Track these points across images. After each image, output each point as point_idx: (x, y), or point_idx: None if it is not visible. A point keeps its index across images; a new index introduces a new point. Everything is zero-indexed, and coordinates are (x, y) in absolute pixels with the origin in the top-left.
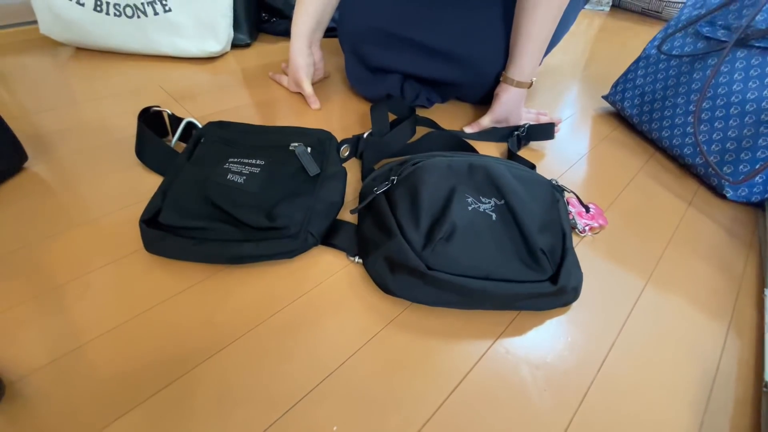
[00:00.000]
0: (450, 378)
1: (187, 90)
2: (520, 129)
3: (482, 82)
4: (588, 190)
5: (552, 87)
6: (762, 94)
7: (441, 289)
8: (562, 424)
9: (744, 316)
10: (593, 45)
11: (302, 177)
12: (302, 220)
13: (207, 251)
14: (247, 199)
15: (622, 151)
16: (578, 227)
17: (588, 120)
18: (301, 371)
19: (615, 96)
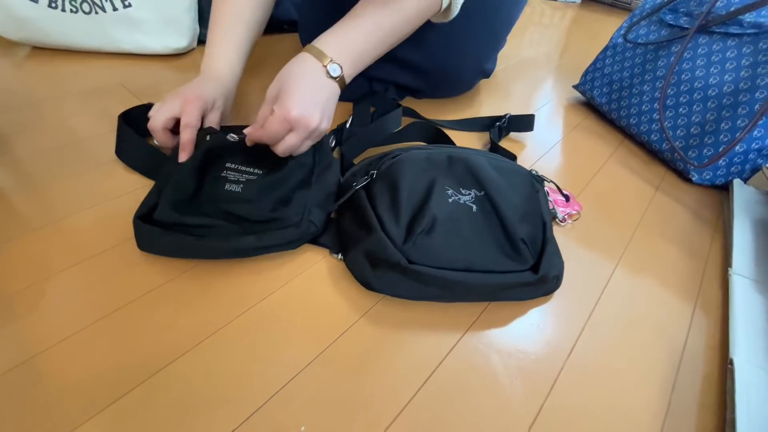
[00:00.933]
0: (421, 371)
1: (151, 88)
2: (502, 120)
3: (452, 87)
4: (560, 178)
5: (526, 79)
6: (723, 79)
7: (423, 283)
8: (533, 411)
9: (710, 295)
10: (567, 36)
11: (299, 171)
12: (303, 209)
13: (207, 245)
14: (248, 202)
15: (593, 139)
16: (558, 216)
17: (560, 110)
18: (270, 370)
19: (585, 85)
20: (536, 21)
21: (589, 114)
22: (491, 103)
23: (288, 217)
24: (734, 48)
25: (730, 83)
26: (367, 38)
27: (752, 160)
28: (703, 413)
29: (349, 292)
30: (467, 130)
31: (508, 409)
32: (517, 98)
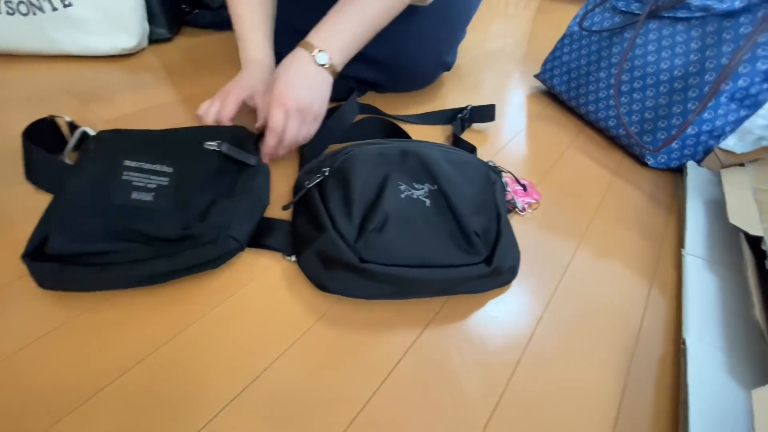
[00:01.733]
0: (378, 372)
1: (98, 92)
2: (463, 111)
3: (413, 80)
4: (521, 167)
5: (491, 70)
6: (674, 63)
7: (377, 282)
8: (491, 404)
9: (665, 277)
10: (532, 26)
11: (220, 179)
12: (221, 224)
13: (112, 277)
14: (161, 216)
15: (554, 127)
16: (518, 206)
17: (523, 99)
18: (221, 381)
19: (545, 74)
20: (501, 11)
21: (551, 103)
22: (456, 96)
23: (203, 233)
24: (683, 32)
25: (680, 67)
26: (353, 27)
27: (704, 141)
28: (659, 394)
29: (304, 295)
30: (430, 123)
31: (466, 404)
32: (481, 90)
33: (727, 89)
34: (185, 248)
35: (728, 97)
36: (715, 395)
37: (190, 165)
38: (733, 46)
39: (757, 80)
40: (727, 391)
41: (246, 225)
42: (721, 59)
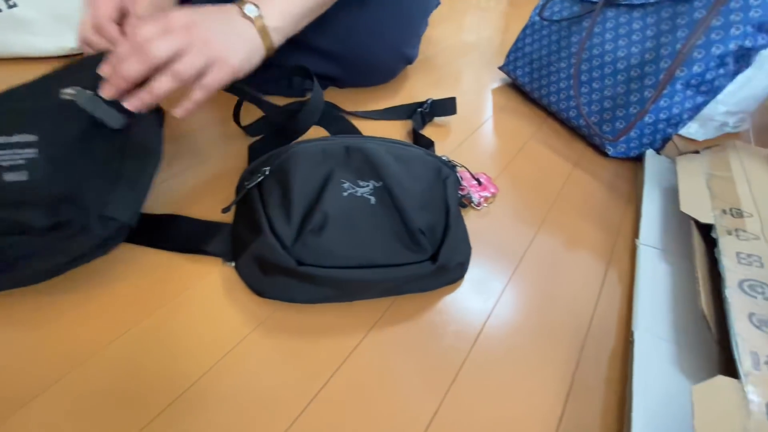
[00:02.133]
0: (317, 379)
1: None
2: (423, 106)
3: (373, 74)
4: (482, 161)
5: (461, 63)
6: (630, 51)
7: (316, 285)
8: (431, 409)
9: (620, 268)
10: (505, 19)
11: (93, 139)
12: (92, 203)
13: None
14: (36, 199)
15: (517, 119)
16: (474, 201)
17: (488, 92)
18: (151, 393)
19: (508, 66)
20: (474, 4)
21: (515, 95)
22: (421, 90)
23: (72, 220)
24: (639, 19)
25: (636, 55)
26: None
27: (662, 129)
28: (608, 389)
29: (243, 302)
30: (390, 119)
31: (405, 410)
32: (447, 83)
33: (681, 76)
34: (58, 238)
35: (683, 83)
36: (660, 389)
37: (55, 126)
38: (688, 31)
39: (712, 65)
40: (672, 385)
41: (130, 196)
42: (675, 45)
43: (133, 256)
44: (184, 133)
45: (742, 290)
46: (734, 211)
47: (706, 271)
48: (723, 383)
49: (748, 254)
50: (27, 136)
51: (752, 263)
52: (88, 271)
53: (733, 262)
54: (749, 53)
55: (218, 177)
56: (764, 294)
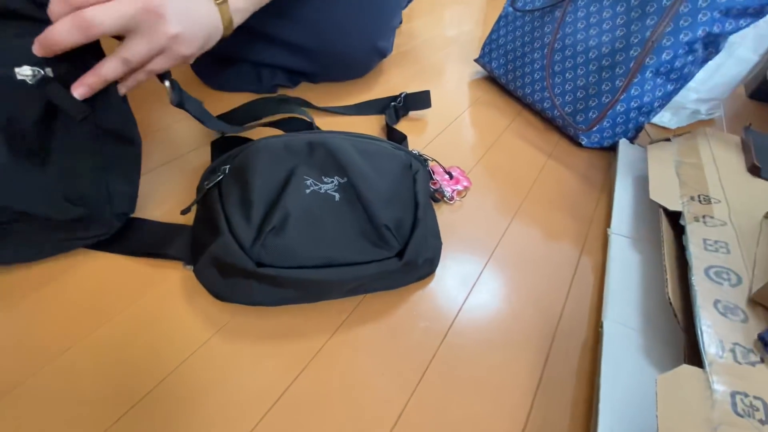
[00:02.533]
0: (278, 385)
1: None
2: (397, 100)
3: (346, 68)
4: (456, 154)
5: (439, 57)
6: (601, 40)
7: (278, 287)
8: (397, 410)
9: (591, 258)
10: (486, 13)
11: (53, 123)
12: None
13: None
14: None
15: (492, 112)
16: (446, 195)
17: (465, 85)
18: (102, 404)
19: (484, 58)
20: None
21: (491, 87)
22: (397, 84)
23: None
24: (609, 7)
25: (607, 44)
26: None
27: (634, 118)
28: (578, 381)
29: (203, 307)
30: (363, 114)
31: (370, 412)
32: (426, 77)
33: (651, 63)
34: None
35: (653, 71)
36: (628, 379)
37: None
38: (656, 18)
39: (680, 52)
40: (640, 375)
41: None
42: (645, 33)
43: (89, 262)
44: (147, 132)
45: (708, 277)
46: (702, 197)
47: (674, 258)
48: (687, 372)
49: (714, 240)
50: None
51: (719, 249)
52: (41, 278)
53: (700, 248)
54: (717, 39)
55: (182, 177)
56: (730, 281)
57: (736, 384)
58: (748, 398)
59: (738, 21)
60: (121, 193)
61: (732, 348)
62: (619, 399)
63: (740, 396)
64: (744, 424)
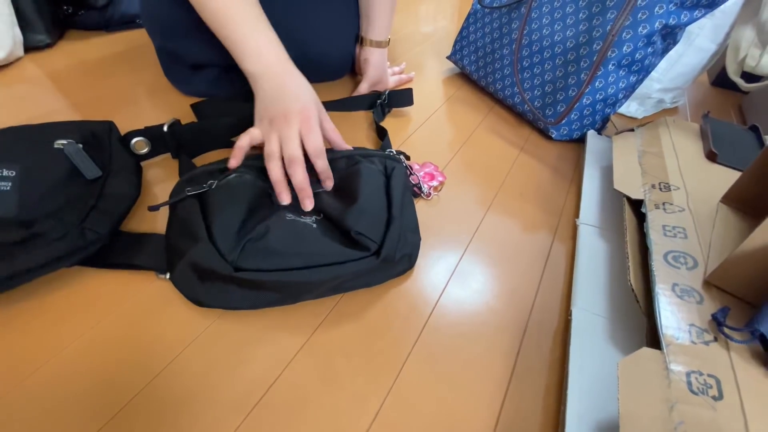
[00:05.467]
0: (255, 390)
1: None
2: (382, 97)
3: (325, 72)
4: (432, 150)
5: (411, 53)
6: (566, 35)
7: (257, 290)
8: (374, 408)
9: (562, 249)
10: (459, 9)
11: (79, 181)
12: (75, 218)
13: None
14: (2, 223)
15: (465, 108)
16: (424, 191)
17: (439, 82)
18: (78, 419)
19: (455, 55)
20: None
21: (464, 84)
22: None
23: (52, 230)
24: (571, 2)
25: (571, 38)
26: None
27: (600, 110)
28: (550, 369)
29: (179, 316)
30: (350, 110)
31: (347, 412)
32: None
33: (613, 57)
34: (30, 249)
35: (615, 64)
36: (595, 365)
37: (39, 166)
38: (616, 12)
39: (640, 45)
40: (606, 360)
41: (107, 219)
42: (606, 27)
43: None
44: None
45: (667, 262)
46: (662, 185)
47: (636, 245)
48: (646, 355)
49: (673, 227)
50: (6, 171)
51: (677, 235)
52: (12, 293)
53: (659, 234)
54: (674, 30)
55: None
56: (687, 264)
57: (691, 363)
58: (702, 376)
59: (692, 12)
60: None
61: (688, 329)
62: (587, 384)
63: (695, 375)
64: (698, 401)
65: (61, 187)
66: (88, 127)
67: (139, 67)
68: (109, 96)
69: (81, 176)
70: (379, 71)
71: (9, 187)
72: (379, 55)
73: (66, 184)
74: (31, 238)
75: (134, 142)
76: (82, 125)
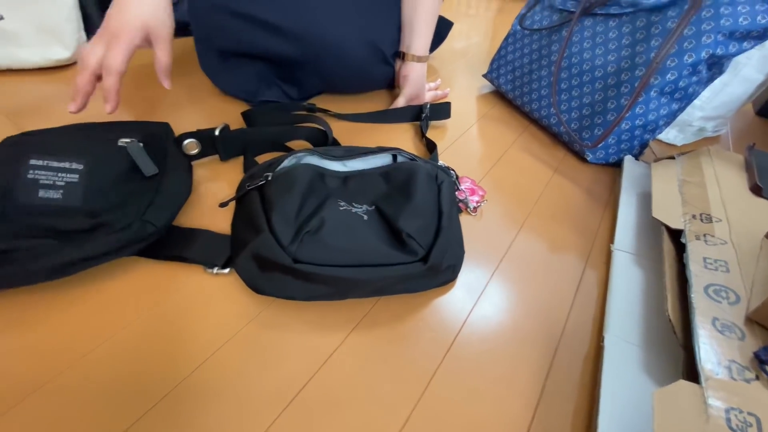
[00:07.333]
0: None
1: (33, 105)
2: (425, 110)
3: (344, 64)
4: (465, 166)
5: (446, 70)
6: (607, 59)
7: (311, 282)
8: (404, 415)
9: (595, 273)
10: (494, 26)
11: (137, 177)
12: (135, 211)
13: (13, 272)
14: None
15: (499, 126)
16: (470, 206)
17: (473, 99)
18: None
19: (492, 74)
20: (463, 12)
21: (498, 102)
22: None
23: (116, 220)
24: (615, 28)
25: (613, 63)
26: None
27: (639, 136)
28: (579, 393)
29: (223, 309)
30: (391, 121)
31: (377, 417)
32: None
33: (656, 83)
34: (96, 237)
35: (658, 91)
36: (627, 394)
37: (104, 161)
38: (661, 40)
39: (685, 73)
40: (639, 389)
41: (164, 213)
42: (650, 54)
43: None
44: None
45: (707, 295)
46: (704, 216)
47: (675, 276)
48: (684, 388)
49: (715, 259)
50: (75, 165)
51: (718, 268)
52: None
53: (700, 267)
54: (721, 61)
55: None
56: (728, 299)
57: (731, 400)
58: (742, 414)
59: (741, 44)
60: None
61: (728, 365)
62: (618, 412)
63: (735, 412)
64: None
65: (123, 182)
66: (147, 128)
67: (189, 72)
68: (159, 98)
69: (140, 173)
70: (418, 86)
71: (77, 179)
72: (419, 70)
73: (127, 179)
74: (97, 227)
75: (186, 143)
76: (142, 126)
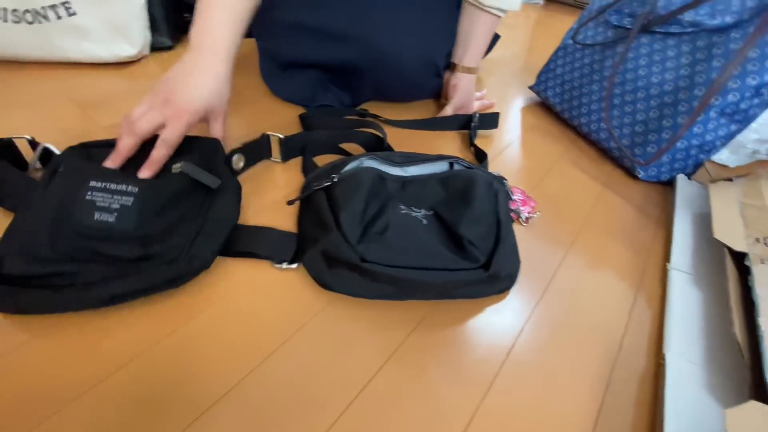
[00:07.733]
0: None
1: (99, 97)
2: (474, 119)
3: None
4: (512, 178)
5: (491, 80)
6: (664, 77)
7: (376, 281)
8: (465, 420)
9: (650, 291)
10: (532, 38)
11: (186, 199)
12: (182, 243)
13: (65, 300)
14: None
15: (546, 139)
16: (522, 217)
17: (518, 110)
18: (197, 389)
19: (539, 86)
20: (503, 22)
21: (545, 114)
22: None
23: (163, 253)
24: (674, 47)
25: (670, 81)
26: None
27: (694, 155)
28: (637, 411)
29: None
30: (437, 129)
31: (440, 418)
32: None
33: (716, 104)
34: (143, 269)
35: (718, 111)
36: (691, 412)
37: (157, 185)
38: (723, 61)
39: (747, 95)
40: (704, 409)
41: (212, 243)
42: (710, 74)
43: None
44: None
45: None
46: (767, 240)
47: (738, 298)
48: (755, 408)
49: None
50: (131, 188)
51: None
52: None
53: (767, 290)
54: None
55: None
56: None
57: None
58: None
59: None
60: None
61: None
62: (683, 429)
63: None
64: None
65: (175, 206)
66: (199, 146)
67: (244, 74)
68: None
69: (191, 195)
70: (466, 97)
71: (131, 202)
72: (468, 81)
73: (179, 202)
74: (144, 258)
75: (234, 158)
76: (194, 143)
